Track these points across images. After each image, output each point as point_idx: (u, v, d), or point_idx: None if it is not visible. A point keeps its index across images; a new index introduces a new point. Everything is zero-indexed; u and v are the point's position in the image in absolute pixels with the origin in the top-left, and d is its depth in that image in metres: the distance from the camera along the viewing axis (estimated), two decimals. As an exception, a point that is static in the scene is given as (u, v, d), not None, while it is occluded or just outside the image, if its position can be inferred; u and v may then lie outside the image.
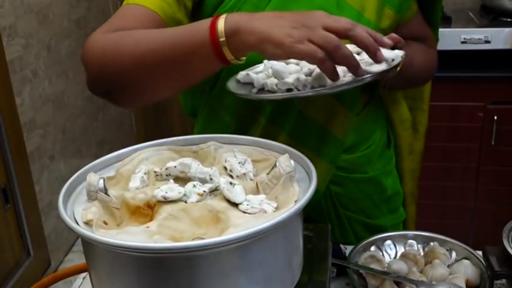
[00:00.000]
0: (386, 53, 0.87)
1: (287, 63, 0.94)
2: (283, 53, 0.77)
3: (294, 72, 0.91)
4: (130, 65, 0.86)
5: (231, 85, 0.94)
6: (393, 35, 0.92)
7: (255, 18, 0.79)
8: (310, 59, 0.77)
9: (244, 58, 0.84)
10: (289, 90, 0.86)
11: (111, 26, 0.92)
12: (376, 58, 0.80)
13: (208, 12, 1.01)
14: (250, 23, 0.78)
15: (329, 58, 0.76)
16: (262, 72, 0.93)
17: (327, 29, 0.77)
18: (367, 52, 0.80)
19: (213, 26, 0.80)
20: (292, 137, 1.04)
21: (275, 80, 0.89)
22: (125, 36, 0.88)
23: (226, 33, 0.79)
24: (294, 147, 0.80)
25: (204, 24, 0.81)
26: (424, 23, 1.18)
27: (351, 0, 1.02)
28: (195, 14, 1.02)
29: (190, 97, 1.14)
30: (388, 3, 1.05)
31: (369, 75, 0.83)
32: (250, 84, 0.93)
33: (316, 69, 0.87)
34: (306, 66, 0.91)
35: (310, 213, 1.09)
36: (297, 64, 0.93)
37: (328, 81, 0.84)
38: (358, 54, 0.89)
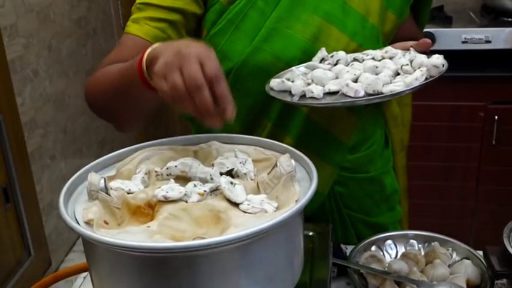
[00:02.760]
0: (433, 59, 0.88)
1: (324, 69, 0.94)
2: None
3: (331, 78, 0.92)
4: (103, 100, 0.98)
5: (271, 92, 0.93)
6: (426, 40, 0.94)
7: (165, 48, 0.79)
8: (162, 96, 0.77)
9: None
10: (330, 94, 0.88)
11: (108, 61, 0.99)
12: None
13: (211, 19, 1.01)
14: (159, 52, 0.79)
15: (180, 99, 0.74)
16: (297, 80, 0.93)
17: (202, 65, 0.75)
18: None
19: (141, 58, 0.82)
20: (297, 140, 1.04)
21: (320, 87, 0.89)
22: (101, 75, 0.97)
23: (147, 63, 0.81)
24: (298, 151, 0.80)
25: (138, 56, 0.84)
26: (415, 24, 1.20)
27: (355, 4, 1.02)
28: (200, 23, 1.04)
29: None
30: (391, 8, 1.06)
31: (424, 82, 0.85)
32: (285, 91, 0.92)
33: (364, 74, 0.88)
34: (344, 72, 0.91)
35: (313, 214, 1.09)
36: (329, 70, 0.94)
37: (383, 88, 0.85)
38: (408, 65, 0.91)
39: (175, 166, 0.76)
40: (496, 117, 2.23)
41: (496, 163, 2.32)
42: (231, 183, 0.72)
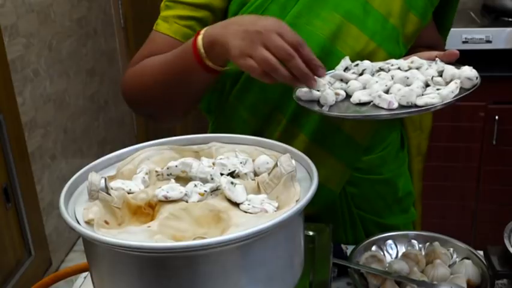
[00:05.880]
0: (467, 71, 0.87)
1: (351, 79, 0.92)
2: (236, 64, 0.84)
3: (359, 88, 0.90)
4: (149, 94, 1.01)
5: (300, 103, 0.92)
6: (454, 51, 0.93)
7: (225, 30, 0.86)
8: (251, 74, 0.83)
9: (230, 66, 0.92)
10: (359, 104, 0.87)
11: (140, 57, 1.03)
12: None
13: (233, 11, 1.02)
14: (221, 35, 0.86)
15: (274, 70, 0.81)
16: (326, 89, 0.90)
17: (281, 36, 0.81)
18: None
19: (195, 45, 0.89)
20: (311, 138, 1.04)
21: (357, 97, 0.88)
22: (142, 69, 1.01)
23: (205, 48, 0.88)
24: (313, 149, 0.80)
25: (190, 44, 0.90)
26: (436, 31, 1.18)
27: (377, 4, 1.02)
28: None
29: (208, 94, 1.13)
30: (413, 9, 1.05)
31: (461, 95, 0.84)
32: (313, 101, 0.90)
33: (396, 86, 0.86)
34: (372, 82, 0.90)
35: (323, 213, 1.09)
36: (356, 79, 0.92)
37: (417, 99, 0.84)
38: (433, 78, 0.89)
39: (176, 166, 0.76)
40: (497, 117, 2.23)
41: (496, 163, 2.32)
42: (232, 183, 0.72)
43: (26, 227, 2.32)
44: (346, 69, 0.96)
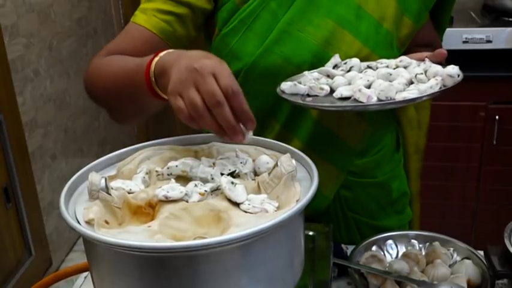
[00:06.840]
0: (449, 68, 0.87)
1: (338, 75, 0.93)
2: (169, 100, 0.77)
3: (344, 84, 0.91)
4: (103, 93, 0.96)
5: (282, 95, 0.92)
6: (442, 50, 0.93)
7: (175, 60, 0.78)
8: (178, 115, 0.74)
9: None
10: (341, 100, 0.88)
11: (111, 47, 0.99)
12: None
13: (223, 17, 1.01)
14: (169, 66, 0.78)
15: (198, 117, 0.73)
16: (310, 84, 0.91)
17: (216, 78, 0.72)
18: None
19: (148, 67, 0.81)
20: (305, 143, 1.03)
21: (339, 92, 0.89)
22: (104, 65, 0.96)
23: (156, 75, 0.80)
24: (307, 154, 0.79)
25: (145, 63, 0.82)
26: (433, 29, 1.17)
27: (370, 9, 1.01)
28: (209, 21, 1.04)
29: None
30: (407, 13, 1.04)
31: (438, 90, 0.84)
32: (296, 95, 0.90)
33: (377, 81, 0.87)
34: (357, 78, 0.90)
35: (317, 216, 1.09)
36: (343, 76, 0.93)
37: (396, 95, 0.84)
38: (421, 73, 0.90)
39: (176, 166, 0.76)
40: (497, 117, 2.23)
41: (496, 163, 2.32)
42: (232, 183, 0.72)
43: (26, 227, 2.32)
44: (335, 66, 0.96)
